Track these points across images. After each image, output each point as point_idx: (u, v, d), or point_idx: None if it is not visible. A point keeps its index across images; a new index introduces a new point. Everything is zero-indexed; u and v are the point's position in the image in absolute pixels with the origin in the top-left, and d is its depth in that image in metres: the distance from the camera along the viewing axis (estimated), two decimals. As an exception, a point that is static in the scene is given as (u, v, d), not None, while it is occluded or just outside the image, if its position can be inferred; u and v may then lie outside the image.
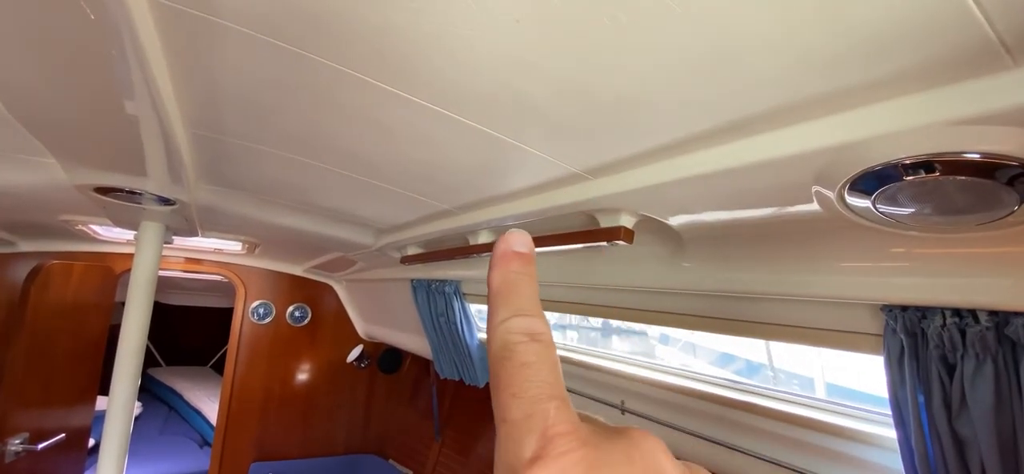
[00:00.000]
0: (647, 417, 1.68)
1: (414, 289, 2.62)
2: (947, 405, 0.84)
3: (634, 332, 2.29)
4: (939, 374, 0.84)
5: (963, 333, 0.79)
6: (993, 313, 0.76)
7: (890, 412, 0.99)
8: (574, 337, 2.60)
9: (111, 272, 2.91)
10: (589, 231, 1.20)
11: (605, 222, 1.16)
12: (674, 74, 0.63)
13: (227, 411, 3.58)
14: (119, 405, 1.87)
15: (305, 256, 3.31)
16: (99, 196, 1.53)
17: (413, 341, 3.22)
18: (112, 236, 2.90)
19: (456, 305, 2.36)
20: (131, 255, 1.97)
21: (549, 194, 1.16)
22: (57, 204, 1.96)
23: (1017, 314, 0.73)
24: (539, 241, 1.38)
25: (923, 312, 0.84)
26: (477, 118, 0.85)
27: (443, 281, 2.36)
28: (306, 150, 1.19)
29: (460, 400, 3.66)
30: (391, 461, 3.85)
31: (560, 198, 1.13)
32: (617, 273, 1.43)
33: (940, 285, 0.80)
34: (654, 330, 2.17)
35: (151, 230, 1.96)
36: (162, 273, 3.45)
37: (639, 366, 1.76)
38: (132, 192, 1.48)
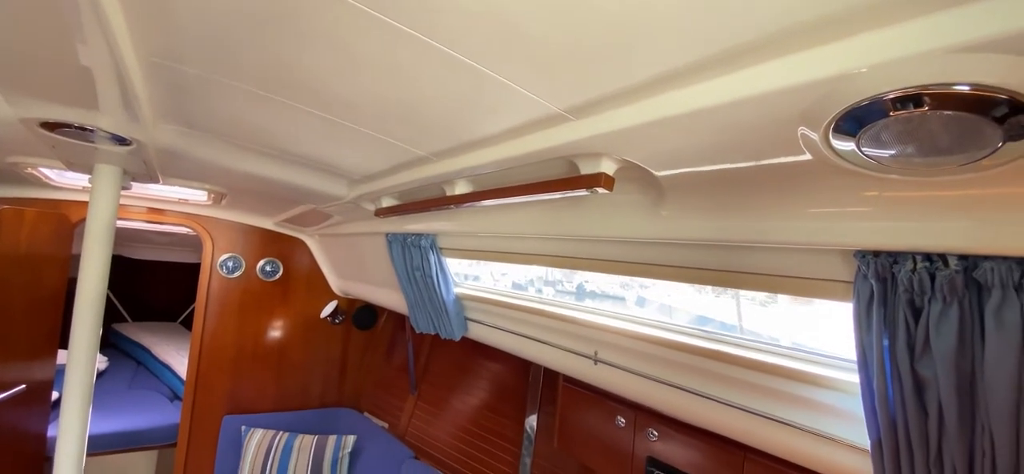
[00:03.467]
0: (619, 366, 1.71)
1: (389, 243, 2.57)
2: (910, 347, 0.87)
3: (609, 296, 2.31)
4: (905, 318, 0.86)
5: (933, 277, 0.80)
6: (963, 257, 0.78)
7: (853, 359, 1.02)
8: (551, 293, 2.61)
9: (67, 220, 2.76)
10: (569, 179, 1.18)
11: (585, 169, 1.13)
12: None
13: (197, 365, 3.52)
14: (80, 357, 1.80)
15: (275, 209, 3.20)
16: (46, 132, 1.42)
17: (389, 296, 3.19)
18: (66, 182, 2.74)
19: (432, 259, 2.33)
20: (87, 203, 1.86)
21: (529, 137, 1.13)
22: (1, 142, 1.82)
23: (986, 258, 0.75)
24: (517, 191, 1.35)
25: (895, 257, 0.85)
26: (456, 45, 0.80)
27: (419, 235, 2.32)
28: (272, 85, 1.12)
29: (436, 354, 3.68)
30: (367, 414, 3.88)
31: (540, 141, 1.10)
32: (596, 223, 1.42)
33: (913, 229, 0.81)
34: (631, 295, 2.19)
35: (107, 174, 1.85)
36: (123, 224, 3.31)
37: (612, 317, 1.78)
38: (83, 128, 1.38)
